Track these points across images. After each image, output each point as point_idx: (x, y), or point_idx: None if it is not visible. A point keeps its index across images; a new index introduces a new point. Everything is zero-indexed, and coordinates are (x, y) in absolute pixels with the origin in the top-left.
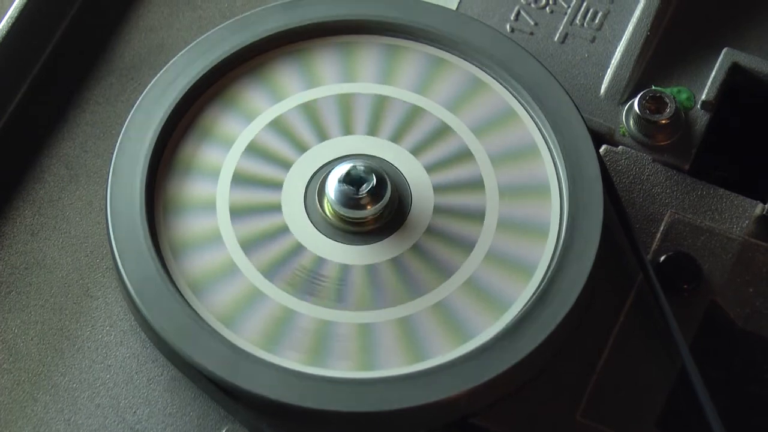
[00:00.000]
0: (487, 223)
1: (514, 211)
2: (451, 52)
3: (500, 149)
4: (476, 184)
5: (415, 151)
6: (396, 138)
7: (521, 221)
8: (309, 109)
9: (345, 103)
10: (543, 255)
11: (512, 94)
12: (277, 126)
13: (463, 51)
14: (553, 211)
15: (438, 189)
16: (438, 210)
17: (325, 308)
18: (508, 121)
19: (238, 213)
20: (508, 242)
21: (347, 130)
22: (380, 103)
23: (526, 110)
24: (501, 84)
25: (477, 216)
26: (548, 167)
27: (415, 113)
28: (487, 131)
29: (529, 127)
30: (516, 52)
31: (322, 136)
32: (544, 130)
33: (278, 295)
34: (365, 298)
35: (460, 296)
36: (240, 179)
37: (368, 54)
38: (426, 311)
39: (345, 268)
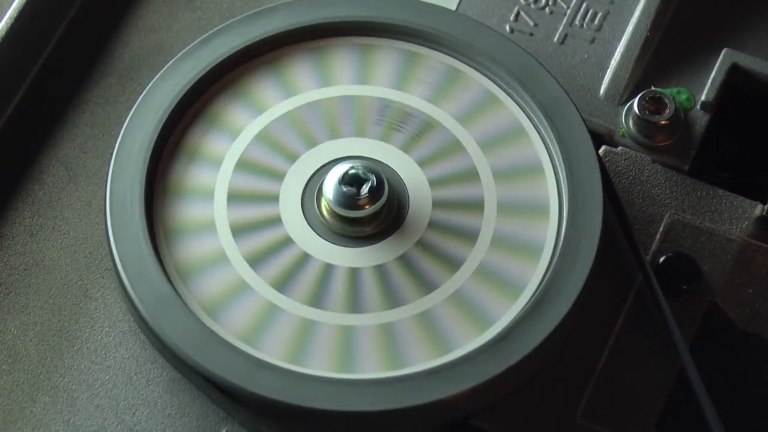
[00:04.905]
0: (482, 239)
1: (509, 228)
2: (466, 63)
3: (505, 165)
4: (476, 199)
5: (421, 161)
6: (405, 146)
7: (516, 239)
8: (319, 108)
9: (359, 105)
10: (534, 275)
11: (524, 112)
12: (288, 121)
13: (479, 62)
14: (549, 233)
15: (437, 199)
16: (435, 219)
17: (308, 307)
18: (517, 138)
19: (235, 201)
20: (500, 259)
21: (356, 131)
22: (394, 110)
23: (536, 128)
24: (514, 100)
25: (472, 230)
26: (551, 188)
27: (426, 123)
28: (493, 146)
29: (536, 146)
30: (535, 69)
31: (332, 134)
32: (552, 151)
33: (264, 289)
34: (348, 301)
35: (446, 308)
36: (243, 169)
37: (384, 57)
38: (409, 320)
39: (331, 269)
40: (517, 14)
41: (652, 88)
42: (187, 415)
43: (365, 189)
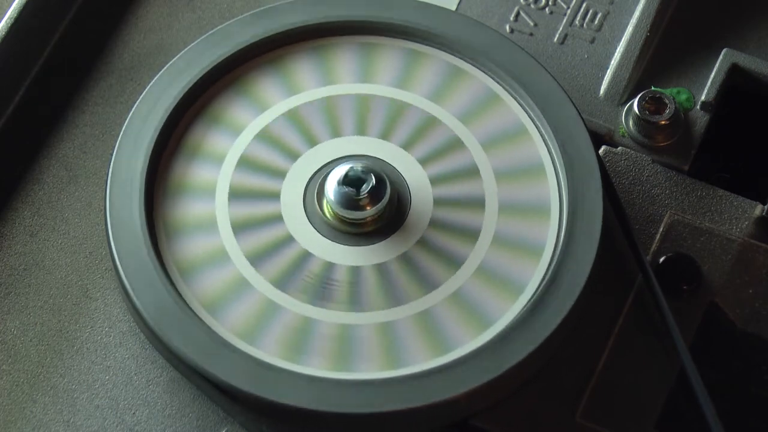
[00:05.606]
0: (483, 238)
1: (510, 227)
2: (468, 62)
3: (506, 165)
4: (477, 198)
5: (422, 160)
6: (407, 145)
7: (517, 238)
8: (321, 106)
9: (361, 103)
10: (534, 275)
11: (525, 111)
12: (290, 120)
13: (479, 63)
14: (549, 233)
15: (438, 197)
16: (436, 217)
17: (308, 305)
18: (518, 137)
19: (237, 198)
20: (501, 259)
21: (357, 130)
22: (396, 108)
23: (537, 128)
24: (515, 99)
25: (473, 229)
26: (552, 188)
27: (428, 122)
28: (495, 145)
29: (538, 145)
30: (535, 69)
31: (334, 132)
32: (552, 151)
33: (264, 287)
34: (349, 300)
35: (446, 307)
36: (244, 167)
37: (386, 56)
38: (409, 319)
39: (331, 266)
40: (517, 14)
41: (652, 88)
42: (187, 415)
43: (366, 190)
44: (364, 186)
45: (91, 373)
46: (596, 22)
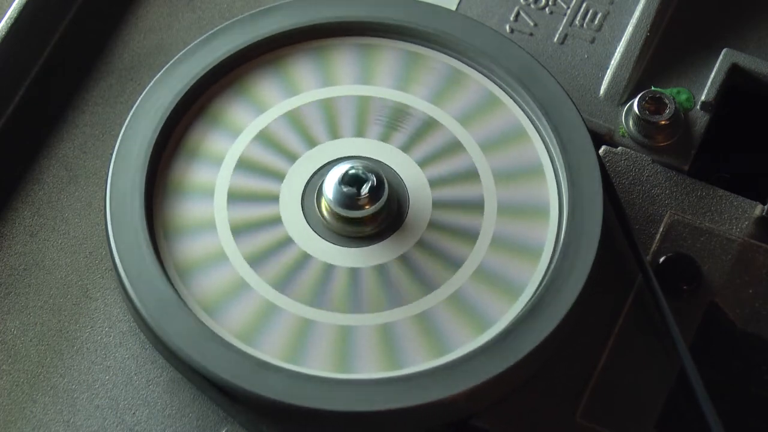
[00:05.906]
0: (482, 239)
1: (509, 229)
2: (467, 63)
3: (505, 166)
4: (476, 199)
5: (421, 161)
6: (406, 147)
7: (516, 240)
8: (320, 108)
9: (361, 105)
10: (534, 276)
11: (525, 112)
12: (289, 121)
13: (479, 63)
14: (549, 233)
15: (437, 199)
16: (435, 219)
17: (308, 306)
18: (517, 139)
19: (236, 199)
20: (500, 260)
21: (356, 131)
22: (395, 110)
23: (536, 129)
24: (514, 101)
25: (472, 231)
26: (551, 189)
27: (428, 124)
28: (494, 147)
29: (537, 147)
30: (535, 69)
31: (333, 134)
32: (552, 151)
33: (263, 289)
34: (348, 301)
35: (446, 308)
36: (243, 168)
37: (385, 58)
38: (408, 320)
39: (330, 268)
40: (517, 14)
41: (652, 88)
42: (187, 415)
43: (365, 189)
44: (363, 185)
45: (91, 373)
46: (596, 22)
